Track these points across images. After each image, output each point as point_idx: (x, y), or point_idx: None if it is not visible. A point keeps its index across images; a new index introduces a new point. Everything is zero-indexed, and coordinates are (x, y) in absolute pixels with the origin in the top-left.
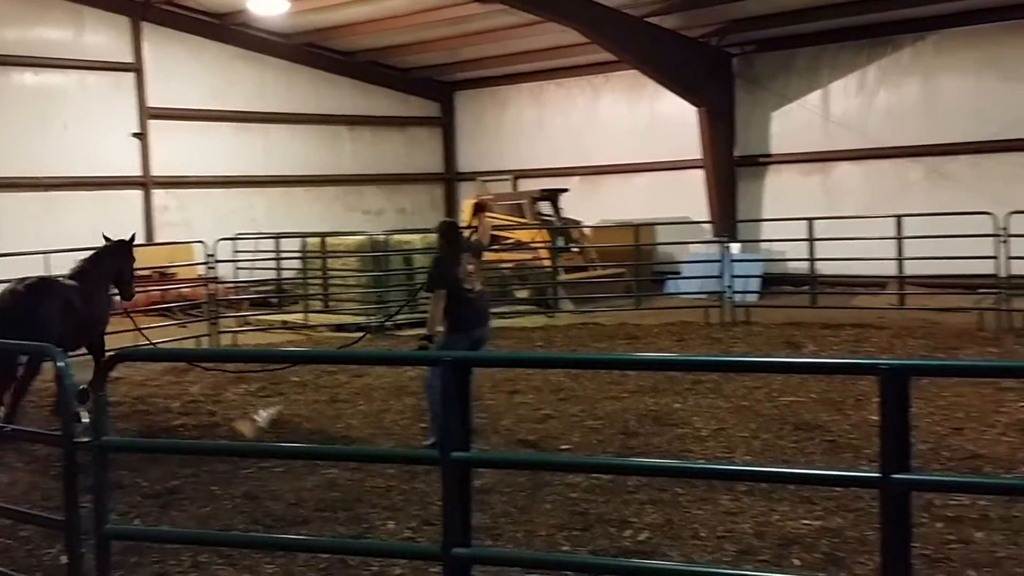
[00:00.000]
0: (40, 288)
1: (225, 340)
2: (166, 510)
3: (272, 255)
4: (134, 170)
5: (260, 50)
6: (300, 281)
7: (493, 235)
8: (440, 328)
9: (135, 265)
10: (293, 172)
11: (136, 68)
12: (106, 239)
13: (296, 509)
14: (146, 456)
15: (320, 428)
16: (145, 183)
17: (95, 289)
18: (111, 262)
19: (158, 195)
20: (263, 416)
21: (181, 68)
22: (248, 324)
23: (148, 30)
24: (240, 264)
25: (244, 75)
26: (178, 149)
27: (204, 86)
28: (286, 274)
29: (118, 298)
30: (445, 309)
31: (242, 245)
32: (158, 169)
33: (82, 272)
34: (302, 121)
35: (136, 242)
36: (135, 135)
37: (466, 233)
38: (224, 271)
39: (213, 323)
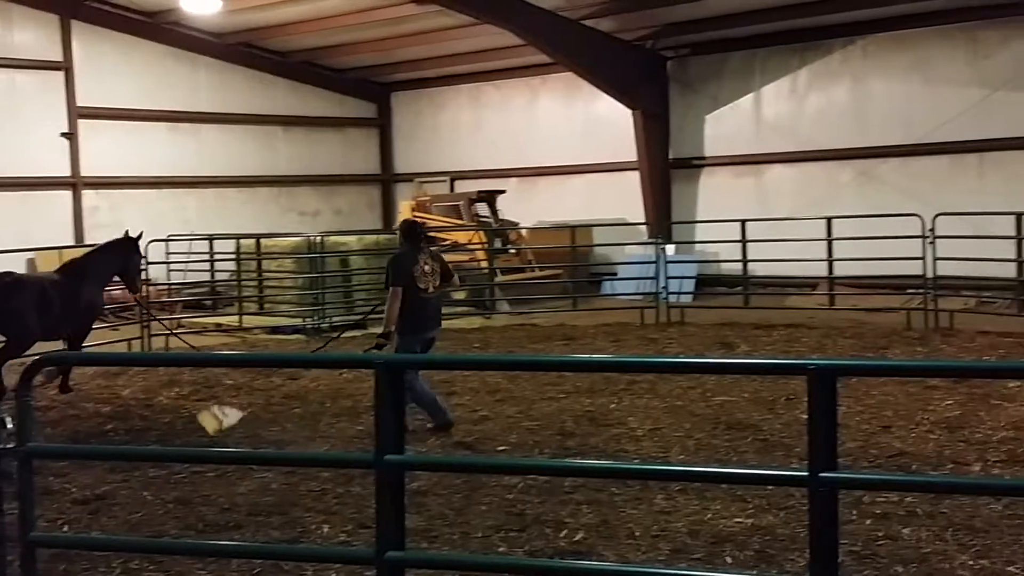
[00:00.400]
0: (11, 283)
1: (158, 343)
2: (96, 516)
3: (206, 257)
4: (63, 170)
5: (193, 49)
6: (234, 283)
7: (433, 236)
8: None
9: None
10: (227, 173)
11: (65, 67)
12: (127, 235)
13: (229, 514)
14: (76, 461)
15: (255, 431)
16: (75, 184)
17: (81, 282)
18: (110, 257)
19: (88, 196)
20: (229, 416)
21: (112, 67)
22: (181, 327)
23: (78, 28)
24: (173, 266)
25: (176, 74)
26: (109, 149)
27: (135, 85)
28: (220, 276)
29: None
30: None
31: (175, 247)
32: (88, 170)
33: (68, 265)
34: (236, 121)
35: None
36: (64, 135)
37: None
38: (156, 273)
39: (145, 326)
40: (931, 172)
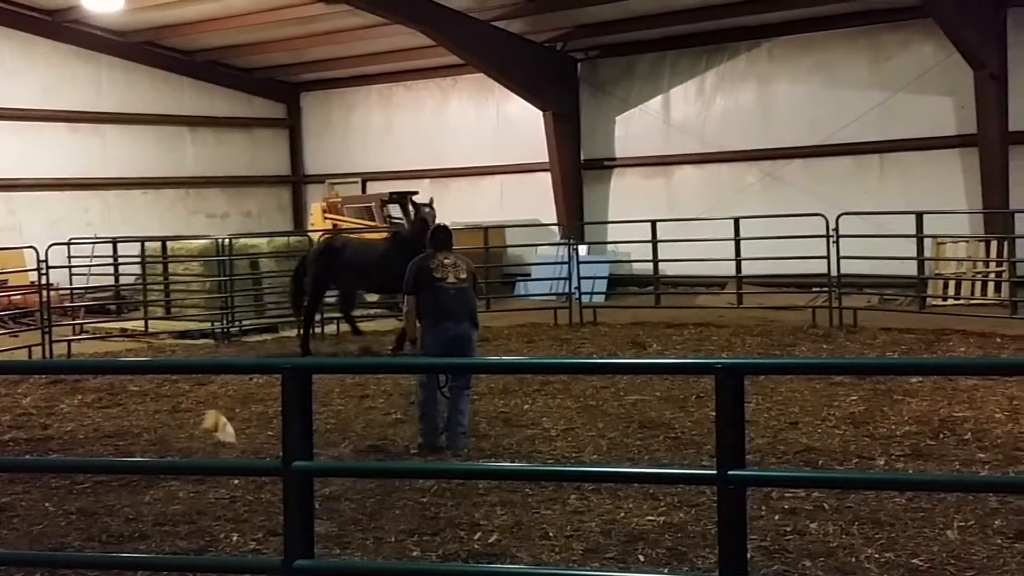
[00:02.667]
0: (321, 246)
1: (59, 350)
2: None
3: (109, 260)
4: None
5: (95, 48)
6: (140, 287)
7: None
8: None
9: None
10: (131, 174)
11: None
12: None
13: (135, 524)
14: None
15: (161, 438)
16: None
17: (387, 249)
18: (413, 231)
19: None
20: (228, 432)
21: (11, 66)
22: (85, 332)
23: None
24: (75, 270)
25: (78, 74)
26: (7, 150)
27: (35, 85)
28: (125, 280)
29: None
30: (419, 305)
31: (77, 250)
32: None
33: (390, 235)
34: (140, 121)
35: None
36: None
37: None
38: (58, 277)
39: (46, 332)
40: (834, 172)
